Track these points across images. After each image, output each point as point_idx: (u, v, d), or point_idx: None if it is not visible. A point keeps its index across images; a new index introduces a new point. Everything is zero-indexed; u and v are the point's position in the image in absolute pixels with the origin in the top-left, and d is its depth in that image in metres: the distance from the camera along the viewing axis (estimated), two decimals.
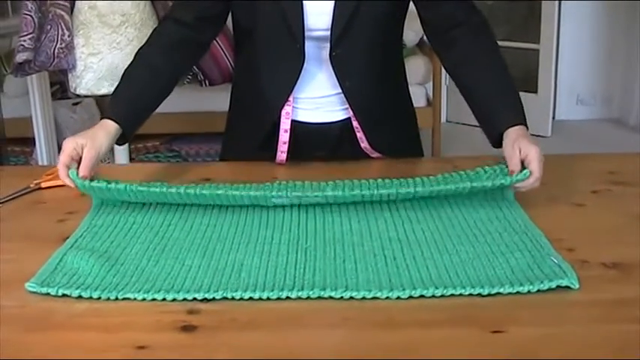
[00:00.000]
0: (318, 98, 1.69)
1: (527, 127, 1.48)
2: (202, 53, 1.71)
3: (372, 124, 1.70)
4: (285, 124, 1.67)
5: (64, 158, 1.41)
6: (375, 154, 1.73)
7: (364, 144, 1.71)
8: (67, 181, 1.40)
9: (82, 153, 1.42)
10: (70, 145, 1.42)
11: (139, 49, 1.65)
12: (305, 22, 1.57)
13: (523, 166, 1.39)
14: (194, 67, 4.93)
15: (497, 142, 1.49)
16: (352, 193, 1.36)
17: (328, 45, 1.60)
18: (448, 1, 1.61)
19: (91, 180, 1.38)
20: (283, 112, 1.66)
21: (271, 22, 1.60)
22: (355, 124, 1.69)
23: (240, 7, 1.64)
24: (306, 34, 1.59)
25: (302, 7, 1.57)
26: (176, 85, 1.65)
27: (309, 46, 1.60)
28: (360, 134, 1.70)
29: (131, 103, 1.56)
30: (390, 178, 1.49)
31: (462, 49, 1.60)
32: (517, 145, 1.41)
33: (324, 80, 1.66)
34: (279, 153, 1.69)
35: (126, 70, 1.62)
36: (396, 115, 1.78)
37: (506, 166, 1.41)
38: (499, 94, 1.54)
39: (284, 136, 1.68)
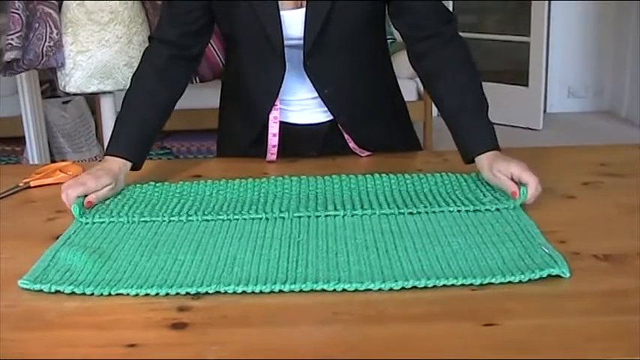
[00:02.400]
0: (302, 100, 1.68)
1: (499, 148, 1.48)
2: (196, 65, 1.71)
3: (356, 126, 1.70)
4: (273, 129, 1.67)
5: (72, 184, 1.42)
6: (365, 153, 1.72)
7: (352, 144, 1.71)
8: (67, 203, 1.41)
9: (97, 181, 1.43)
10: (84, 174, 1.46)
11: (134, 74, 1.64)
12: (283, 32, 1.56)
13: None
14: None
15: (469, 162, 1.50)
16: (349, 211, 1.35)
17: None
18: (416, 12, 1.58)
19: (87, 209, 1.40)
20: (271, 117, 1.66)
21: (251, 32, 1.59)
22: (340, 127, 1.69)
23: (221, 18, 1.63)
24: (285, 42, 1.57)
25: (279, 17, 1.55)
26: (177, 102, 1.64)
27: (289, 54, 1.59)
28: (346, 136, 1.70)
29: (135, 135, 1.55)
30: (384, 173, 1.50)
31: (431, 62, 1.57)
32: (496, 170, 1.41)
33: (307, 84, 1.64)
34: (268, 155, 1.69)
35: (125, 97, 1.61)
36: (382, 113, 1.76)
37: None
38: (468, 116, 1.51)
39: (273, 140, 1.67)
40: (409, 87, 4.52)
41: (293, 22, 1.56)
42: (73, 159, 4.29)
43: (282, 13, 1.55)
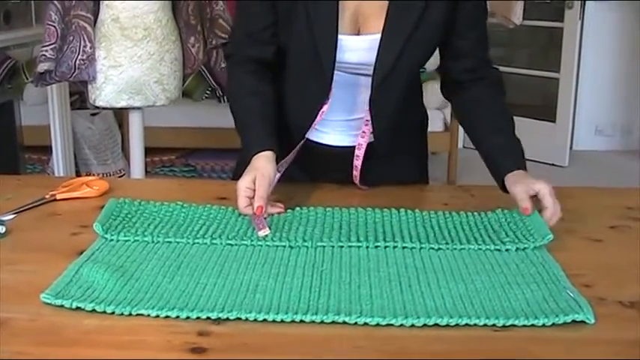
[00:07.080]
0: (336, 122, 1.66)
1: (526, 170, 1.52)
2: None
3: (382, 157, 1.68)
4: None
5: (242, 202, 1.45)
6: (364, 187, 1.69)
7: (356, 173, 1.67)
8: (246, 211, 1.45)
9: (255, 186, 1.45)
10: (242, 186, 1.45)
11: (230, 86, 1.69)
12: (336, 56, 1.55)
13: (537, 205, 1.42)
14: (212, 82, 4.97)
15: (502, 187, 1.53)
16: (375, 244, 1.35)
17: (357, 74, 1.59)
18: (470, 57, 1.63)
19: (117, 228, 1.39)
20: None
21: (304, 53, 1.58)
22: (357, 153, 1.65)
23: (280, 30, 1.61)
24: (337, 65, 1.56)
25: (336, 41, 1.53)
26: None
27: (338, 76, 1.58)
28: (357, 164, 1.66)
29: (268, 128, 1.57)
30: (409, 208, 1.49)
31: (473, 93, 1.63)
32: (521, 185, 1.45)
33: (347, 107, 1.64)
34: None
35: (235, 103, 1.64)
36: (410, 145, 1.77)
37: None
38: (502, 141, 1.57)
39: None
40: (436, 117, 4.51)
41: (350, 48, 1.55)
42: (97, 171, 4.33)
43: (340, 37, 1.54)
